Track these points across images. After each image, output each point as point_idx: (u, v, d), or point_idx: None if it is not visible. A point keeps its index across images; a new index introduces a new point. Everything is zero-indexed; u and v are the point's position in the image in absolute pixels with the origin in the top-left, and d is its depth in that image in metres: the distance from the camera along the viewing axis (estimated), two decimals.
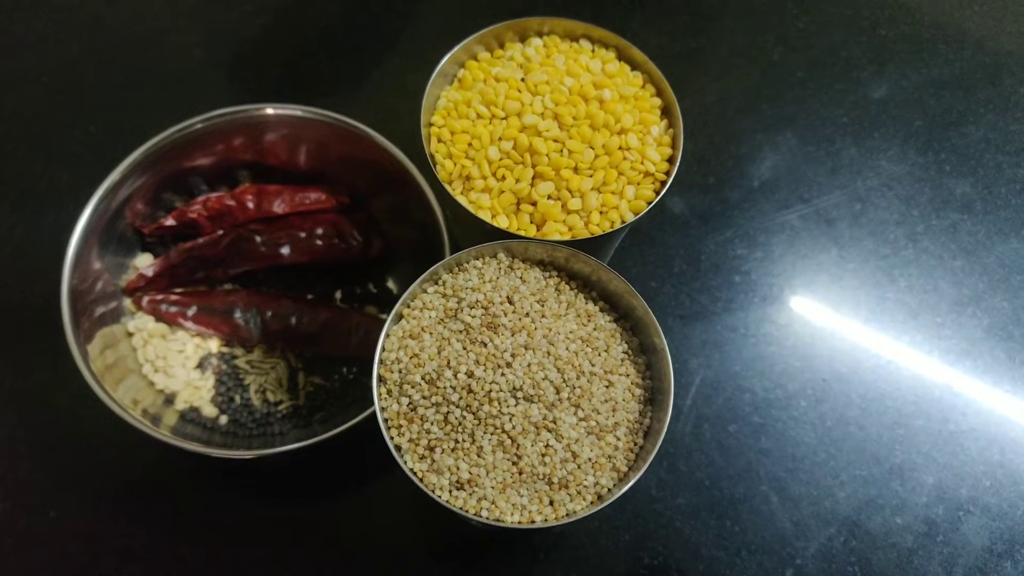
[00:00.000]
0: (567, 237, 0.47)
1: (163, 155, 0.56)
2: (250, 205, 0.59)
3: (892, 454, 0.57)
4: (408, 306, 0.44)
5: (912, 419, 0.59)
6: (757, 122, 0.71)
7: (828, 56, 0.74)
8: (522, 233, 0.47)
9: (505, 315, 0.43)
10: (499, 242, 0.45)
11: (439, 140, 0.50)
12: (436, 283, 0.45)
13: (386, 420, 0.41)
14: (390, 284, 0.62)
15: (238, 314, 0.56)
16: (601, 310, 0.46)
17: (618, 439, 0.42)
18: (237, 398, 0.56)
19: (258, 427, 0.55)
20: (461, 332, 0.42)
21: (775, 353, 0.61)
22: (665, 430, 0.40)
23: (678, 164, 0.48)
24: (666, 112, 0.51)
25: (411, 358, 0.42)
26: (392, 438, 0.41)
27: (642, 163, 0.48)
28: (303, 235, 0.58)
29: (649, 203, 0.48)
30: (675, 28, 0.75)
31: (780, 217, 0.67)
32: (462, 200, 0.48)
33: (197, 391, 0.56)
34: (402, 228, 0.60)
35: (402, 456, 0.40)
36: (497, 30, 0.53)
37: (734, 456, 0.57)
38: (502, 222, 0.47)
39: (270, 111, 0.57)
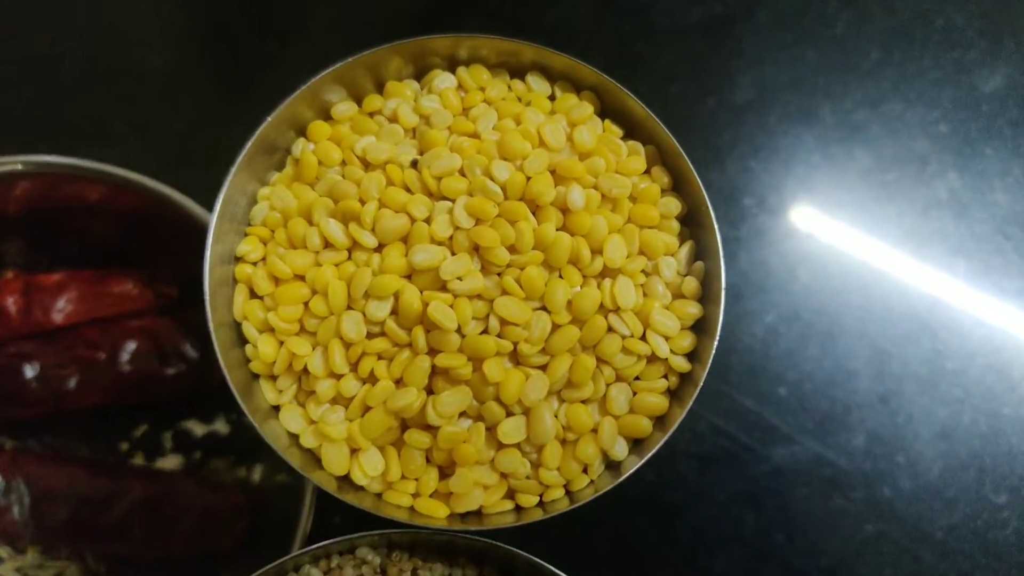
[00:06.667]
0: (507, 509, 0.30)
1: None
2: (12, 309, 0.46)
3: None
4: None
5: None
6: None
7: None
8: (409, 506, 0.30)
9: None
10: (362, 535, 0.29)
11: (252, 293, 0.32)
12: None
13: None
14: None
15: None
16: None
17: None
18: None
19: None
20: None
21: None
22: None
23: (713, 353, 0.29)
24: (688, 220, 0.33)
25: None
26: None
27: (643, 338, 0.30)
28: (103, 357, 0.46)
29: (653, 418, 0.30)
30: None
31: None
32: (293, 420, 0.31)
33: None
34: None
35: None
36: (374, 56, 0.33)
37: None
38: (370, 471, 0.30)
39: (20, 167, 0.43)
